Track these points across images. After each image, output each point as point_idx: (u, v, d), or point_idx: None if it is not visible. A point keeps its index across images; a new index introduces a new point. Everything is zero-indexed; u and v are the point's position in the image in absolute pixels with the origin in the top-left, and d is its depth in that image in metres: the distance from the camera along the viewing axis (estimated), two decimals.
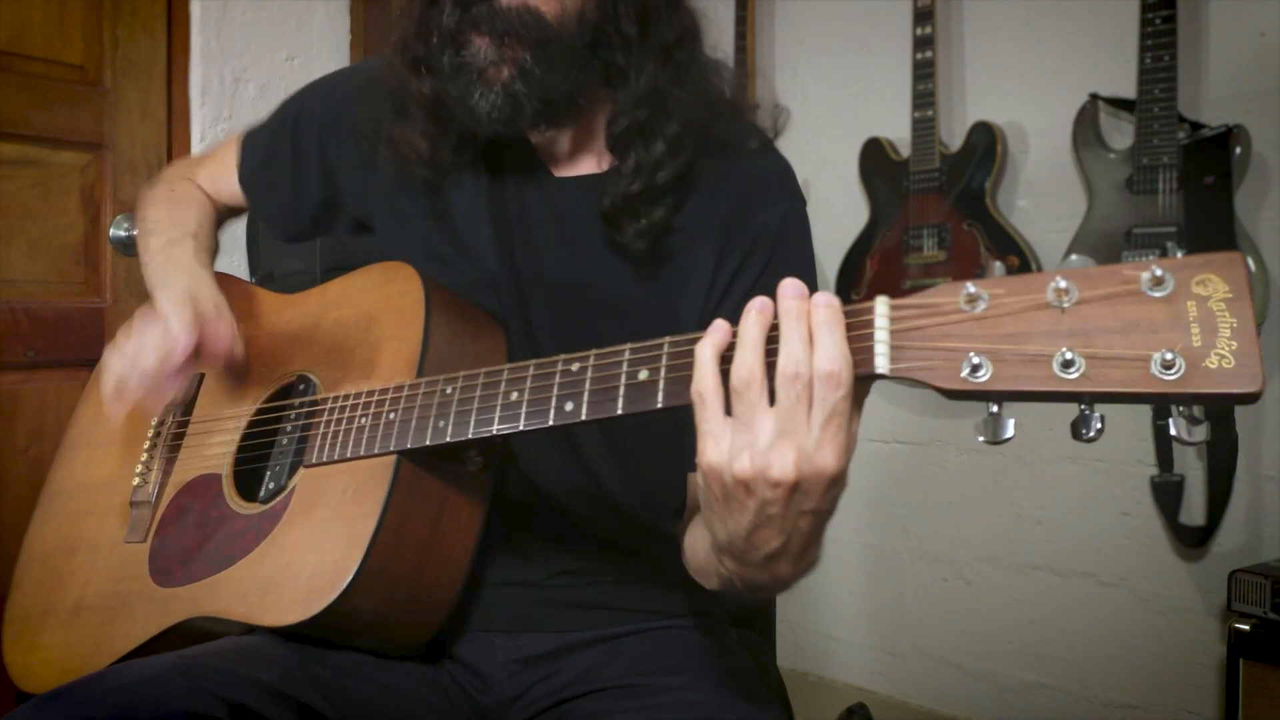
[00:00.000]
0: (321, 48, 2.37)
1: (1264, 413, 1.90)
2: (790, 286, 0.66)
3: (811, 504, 0.66)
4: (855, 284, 2.36)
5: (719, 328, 0.69)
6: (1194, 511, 1.97)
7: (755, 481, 0.65)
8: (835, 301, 0.65)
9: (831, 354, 0.63)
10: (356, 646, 0.96)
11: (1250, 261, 1.81)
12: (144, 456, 1.09)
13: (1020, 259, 2.11)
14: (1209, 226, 1.82)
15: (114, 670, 0.86)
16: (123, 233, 1.99)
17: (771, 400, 0.65)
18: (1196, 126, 1.86)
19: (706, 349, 0.68)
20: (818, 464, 0.64)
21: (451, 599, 0.94)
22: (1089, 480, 2.11)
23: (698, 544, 0.87)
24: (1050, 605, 2.19)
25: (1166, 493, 1.98)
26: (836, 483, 0.66)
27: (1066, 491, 2.14)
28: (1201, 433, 0.58)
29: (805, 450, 0.64)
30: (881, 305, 0.65)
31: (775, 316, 0.67)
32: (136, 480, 1.08)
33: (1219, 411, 1.83)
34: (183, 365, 0.98)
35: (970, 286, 0.62)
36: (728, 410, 0.67)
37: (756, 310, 0.67)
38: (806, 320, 0.65)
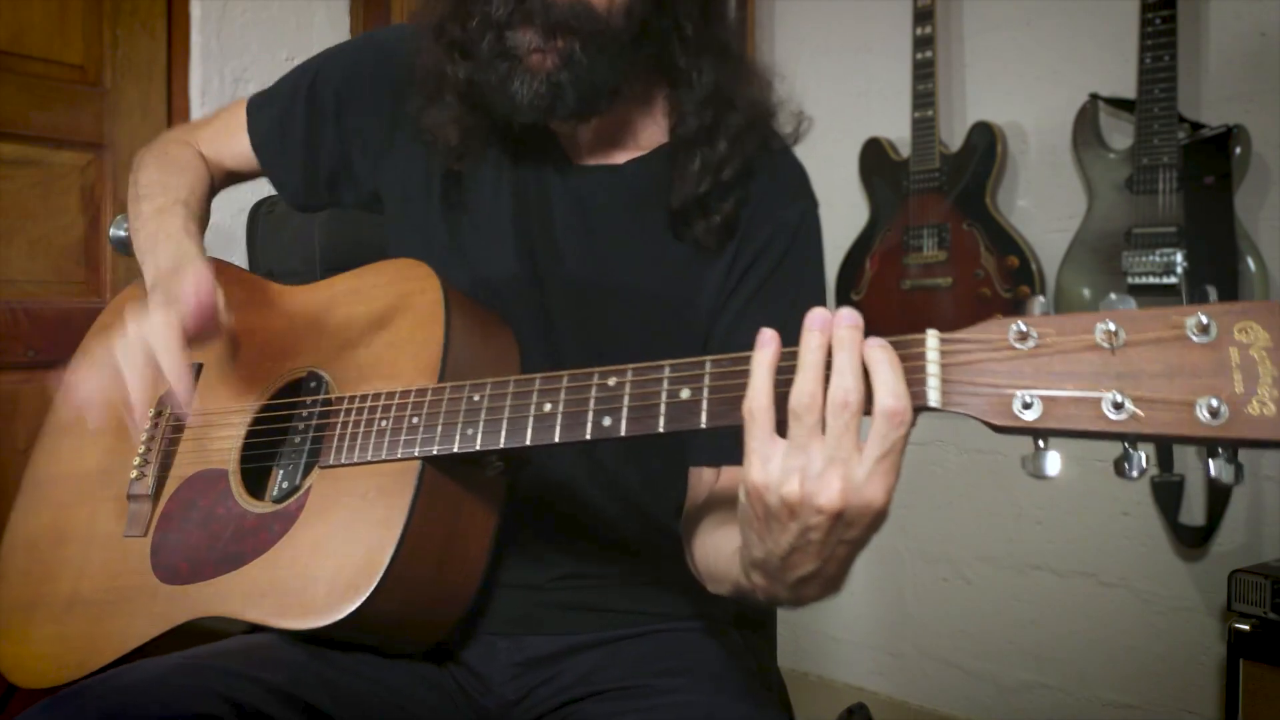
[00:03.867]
0: (321, 48, 2.36)
1: None
2: (845, 315, 0.66)
3: (853, 534, 0.67)
4: (855, 284, 2.36)
5: (771, 341, 0.68)
6: (1194, 511, 1.97)
7: (802, 506, 0.65)
8: (886, 343, 0.66)
9: (896, 391, 0.64)
10: (362, 645, 0.95)
11: (1250, 261, 1.81)
12: (141, 449, 1.06)
13: (1020, 259, 2.11)
14: (1209, 226, 1.82)
15: (120, 671, 0.86)
16: (123, 233, 1.97)
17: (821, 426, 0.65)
18: (1196, 126, 1.86)
19: (763, 366, 0.67)
20: (866, 496, 0.65)
21: (467, 601, 0.93)
22: (1089, 480, 2.11)
23: (719, 550, 0.86)
24: (1050, 605, 2.19)
25: (1166, 493, 1.98)
26: (880, 516, 0.66)
27: (1066, 491, 2.14)
28: (1234, 473, 0.60)
29: (853, 480, 0.64)
30: (932, 339, 0.66)
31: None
32: (134, 473, 1.05)
33: None
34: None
35: (1020, 324, 0.63)
36: (775, 429, 0.67)
37: (818, 329, 0.67)
38: (859, 351, 0.65)
